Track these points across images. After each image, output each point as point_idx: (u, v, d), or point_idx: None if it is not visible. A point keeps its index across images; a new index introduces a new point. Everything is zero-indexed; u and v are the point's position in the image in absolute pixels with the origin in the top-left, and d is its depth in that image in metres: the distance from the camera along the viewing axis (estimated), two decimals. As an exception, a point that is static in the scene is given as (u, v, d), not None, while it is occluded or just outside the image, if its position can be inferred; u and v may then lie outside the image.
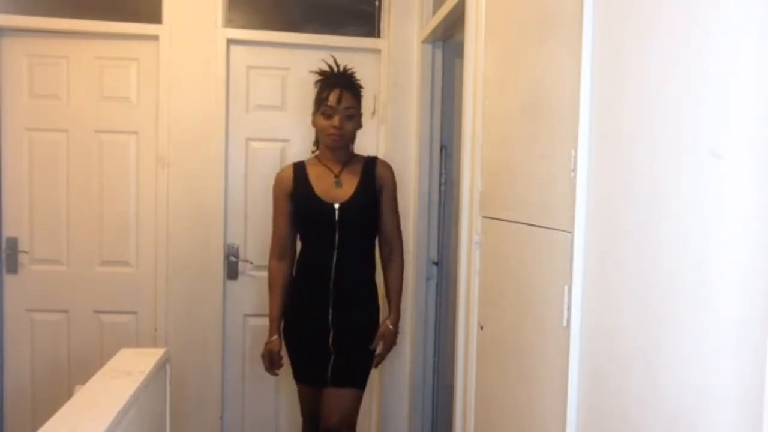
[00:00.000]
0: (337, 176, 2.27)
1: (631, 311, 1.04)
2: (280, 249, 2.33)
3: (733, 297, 0.78)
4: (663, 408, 0.94)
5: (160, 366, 1.94)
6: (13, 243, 2.96)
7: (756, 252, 0.74)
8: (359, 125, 2.32)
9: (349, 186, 2.26)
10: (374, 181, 2.29)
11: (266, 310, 2.39)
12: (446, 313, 2.82)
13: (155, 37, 2.95)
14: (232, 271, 3.07)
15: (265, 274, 2.51)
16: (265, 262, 2.43)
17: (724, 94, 0.80)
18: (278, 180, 2.34)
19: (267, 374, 2.38)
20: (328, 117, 2.23)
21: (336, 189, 2.25)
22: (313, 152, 2.41)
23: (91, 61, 2.95)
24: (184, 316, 3.02)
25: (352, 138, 2.31)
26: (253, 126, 3.06)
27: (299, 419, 2.48)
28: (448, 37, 2.81)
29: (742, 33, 0.77)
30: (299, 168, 2.33)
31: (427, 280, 2.96)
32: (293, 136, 3.07)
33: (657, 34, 0.96)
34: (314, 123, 2.30)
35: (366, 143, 3.00)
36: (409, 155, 3.05)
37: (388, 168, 2.34)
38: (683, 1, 0.90)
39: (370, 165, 2.32)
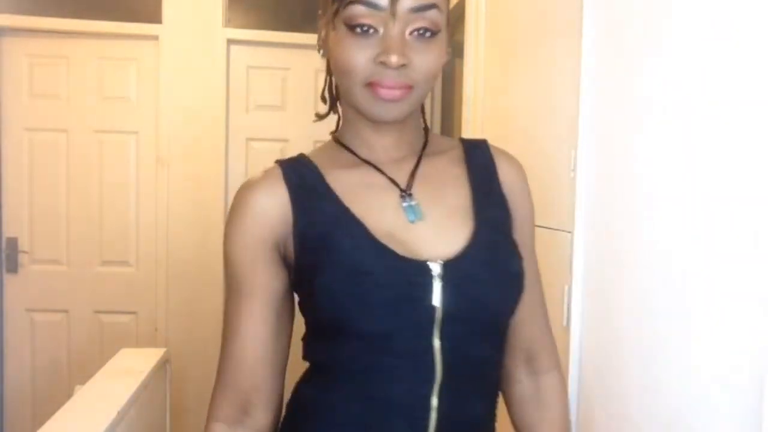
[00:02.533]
0: (405, 192, 0.82)
1: (631, 311, 1.04)
2: (238, 396, 0.84)
3: (734, 297, 0.78)
4: (663, 407, 0.94)
5: (160, 366, 1.94)
6: (13, 243, 2.96)
7: (756, 252, 0.74)
8: (444, 57, 0.80)
9: (443, 211, 0.82)
10: (499, 194, 0.87)
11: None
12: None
13: (155, 37, 2.95)
14: (232, 271, 3.07)
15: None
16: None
17: (724, 94, 0.80)
18: (242, 207, 0.82)
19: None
20: (365, 33, 0.75)
21: (409, 224, 0.80)
22: (332, 134, 0.90)
23: (91, 61, 2.95)
24: (184, 316, 3.01)
25: (425, 92, 0.79)
26: (253, 126, 3.06)
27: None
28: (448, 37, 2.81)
29: (742, 32, 0.77)
30: (300, 171, 0.83)
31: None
32: (293, 136, 3.07)
33: (657, 34, 0.96)
34: (327, 52, 0.81)
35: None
36: (409, 155, 3.04)
37: (518, 166, 0.91)
38: (682, 2, 0.90)
39: (480, 156, 0.89)
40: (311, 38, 3.02)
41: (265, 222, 0.80)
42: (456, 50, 2.70)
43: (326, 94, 0.89)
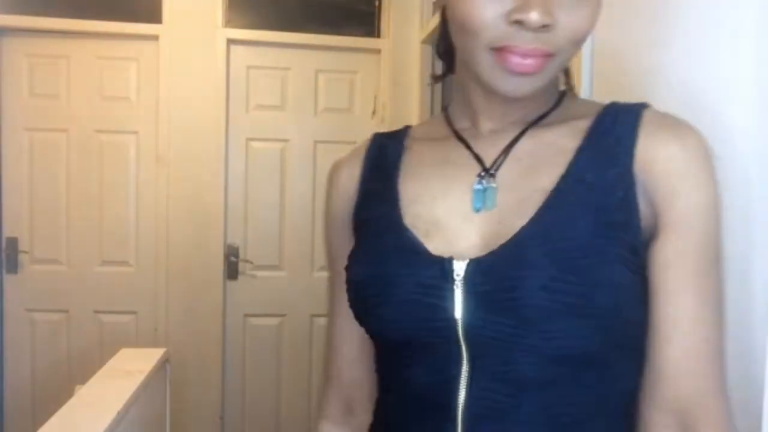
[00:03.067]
0: (486, 171, 0.64)
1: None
2: (341, 392, 0.77)
3: (733, 297, 0.78)
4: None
5: (160, 366, 1.94)
6: (13, 243, 2.96)
7: (756, 252, 0.74)
8: (599, 15, 0.60)
9: (518, 197, 0.62)
10: (622, 177, 0.60)
11: (267, 310, 2.37)
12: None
13: (155, 37, 2.94)
14: (232, 271, 3.07)
15: (266, 274, 2.48)
16: (266, 261, 2.40)
17: (723, 93, 0.80)
18: (328, 184, 0.77)
19: (267, 374, 2.36)
20: None
21: (471, 212, 0.63)
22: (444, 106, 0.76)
23: (91, 61, 2.95)
24: (184, 316, 3.01)
25: (568, 61, 0.63)
26: (253, 126, 3.06)
27: (299, 419, 2.47)
28: (448, 37, 2.81)
29: (741, 31, 0.77)
30: (386, 145, 0.74)
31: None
32: (293, 136, 3.07)
33: (656, 33, 0.96)
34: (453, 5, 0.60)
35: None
36: (409, 155, 3.04)
37: (683, 144, 0.60)
38: (682, 1, 0.90)
39: (615, 126, 0.62)
40: (311, 38, 3.03)
41: (344, 200, 0.73)
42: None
43: (440, 50, 0.72)
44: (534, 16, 0.54)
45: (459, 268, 0.58)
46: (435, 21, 2.67)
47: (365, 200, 0.70)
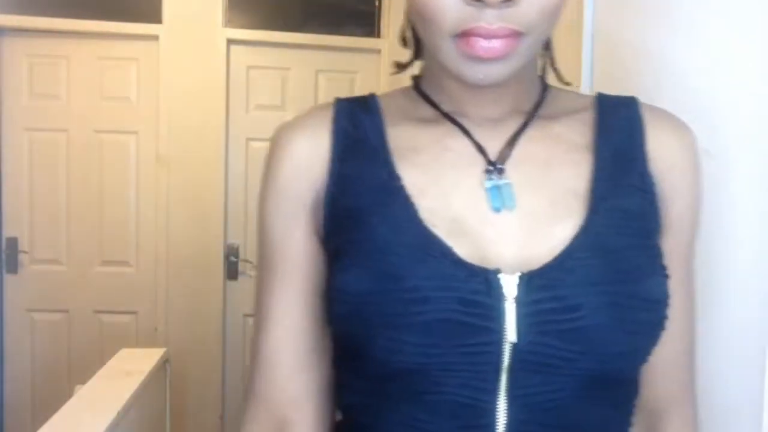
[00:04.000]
0: (493, 165, 0.56)
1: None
2: (272, 414, 0.60)
3: (734, 297, 0.78)
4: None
5: (160, 366, 1.94)
6: (13, 243, 2.96)
7: (756, 252, 0.74)
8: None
9: (546, 198, 0.56)
10: (642, 176, 0.57)
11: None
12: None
13: (155, 37, 2.94)
14: (232, 271, 3.07)
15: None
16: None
17: (722, 92, 0.80)
18: (278, 153, 0.63)
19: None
20: None
21: (490, 213, 0.54)
22: (413, 78, 0.68)
23: (91, 61, 2.95)
24: (184, 316, 3.01)
25: (542, 39, 0.55)
26: (253, 126, 3.06)
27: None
28: (448, 37, 2.81)
29: (741, 31, 0.77)
30: (357, 117, 0.61)
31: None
32: (293, 136, 3.07)
33: (655, 30, 0.96)
34: None
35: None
36: (409, 155, 3.04)
37: (683, 135, 0.61)
38: (683, 1, 0.90)
39: (621, 120, 0.60)
40: (311, 38, 3.03)
41: (305, 179, 0.58)
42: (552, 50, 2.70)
43: (408, 34, 0.65)
44: None
45: (509, 283, 0.49)
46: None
47: (347, 185, 0.56)
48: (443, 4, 0.49)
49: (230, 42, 3.00)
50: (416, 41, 0.64)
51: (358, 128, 0.59)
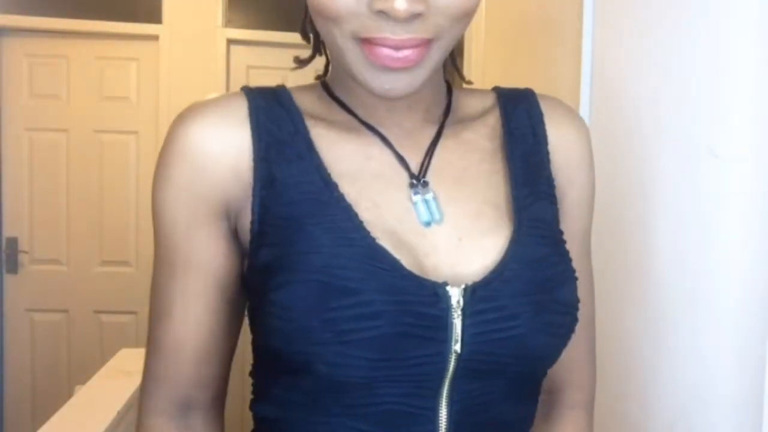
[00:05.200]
0: (416, 179, 0.55)
1: (631, 312, 1.04)
2: (176, 392, 0.59)
3: (734, 297, 0.78)
4: (663, 408, 0.94)
5: (160, 366, 1.94)
6: (13, 243, 2.96)
7: (756, 252, 0.74)
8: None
9: (469, 209, 0.56)
10: (548, 174, 0.60)
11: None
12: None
13: (155, 37, 2.94)
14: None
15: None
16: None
17: (723, 93, 0.80)
18: (178, 144, 0.54)
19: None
20: None
21: (420, 227, 0.54)
22: (318, 79, 0.62)
23: (91, 61, 2.95)
24: (184, 316, 3.01)
25: (454, 42, 0.53)
26: (253, 126, 3.06)
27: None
28: (448, 36, 2.81)
29: (741, 31, 0.77)
30: (276, 112, 0.56)
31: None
32: (293, 136, 3.08)
33: (656, 33, 0.96)
34: None
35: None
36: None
37: (579, 126, 0.65)
38: (682, 1, 0.90)
39: (523, 117, 0.62)
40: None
41: (212, 174, 0.53)
42: (456, 50, 2.70)
43: (308, 29, 0.59)
44: (400, 4, 0.43)
45: (455, 295, 0.50)
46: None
47: (281, 191, 0.52)
48: (347, 5, 0.46)
49: (230, 42, 3.00)
50: (317, 36, 0.59)
51: (280, 127, 0.54)
